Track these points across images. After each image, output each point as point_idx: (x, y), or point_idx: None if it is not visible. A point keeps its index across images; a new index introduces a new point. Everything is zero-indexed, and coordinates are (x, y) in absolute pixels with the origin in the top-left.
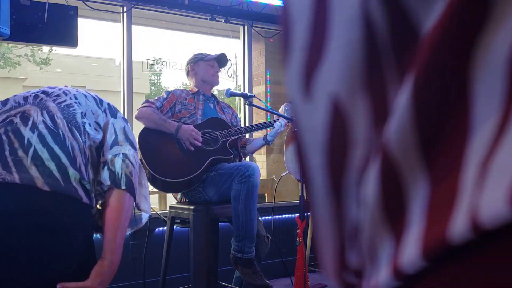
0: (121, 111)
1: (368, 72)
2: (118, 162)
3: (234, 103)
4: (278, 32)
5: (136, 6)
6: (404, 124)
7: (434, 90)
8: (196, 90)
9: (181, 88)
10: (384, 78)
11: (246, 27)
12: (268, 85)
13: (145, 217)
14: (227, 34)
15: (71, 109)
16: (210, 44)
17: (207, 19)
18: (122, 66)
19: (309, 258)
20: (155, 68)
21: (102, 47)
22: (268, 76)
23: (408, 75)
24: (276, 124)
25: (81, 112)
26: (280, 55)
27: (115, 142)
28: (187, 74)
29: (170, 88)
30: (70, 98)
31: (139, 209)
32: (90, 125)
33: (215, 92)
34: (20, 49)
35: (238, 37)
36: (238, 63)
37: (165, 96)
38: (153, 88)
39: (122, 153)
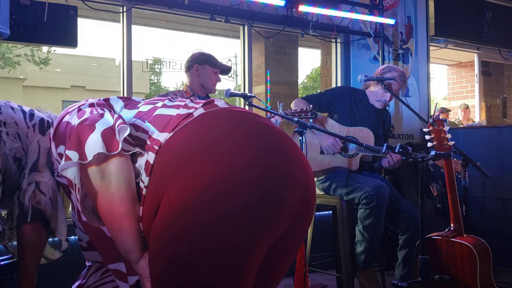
0: None
1: None
2: (28, 194)
3: (234, 104)
4: (278, 32)
5: (136, 6)
6: None
7: None
8: (191, 94)
9: (177, 90)
10: None
11: (246, 27)
12: (268, 85)
13: (64, 244)
14: (227, 34)
15: None
16: (210, 44)
17: (207, 19)
18: (122, 66)
19: (309, 258)
20: (155, 68)
21: (102, 47)
22: (268, 76)
23: None
24: (272, 121)
25: None
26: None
27: (35, 167)
28: (188, 70)
29: (170, 88)
30: None
31: (53, 235)
32: (7, 134)
33: (215, 92)
34: (20, 49)
35: (238, 37)
36: (238, 63)
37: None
38: (153, 88)
39: (35, 182)
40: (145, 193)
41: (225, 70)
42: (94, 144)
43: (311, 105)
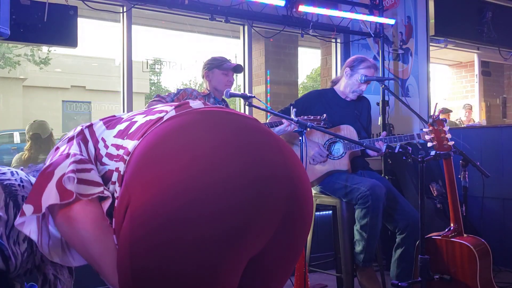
0: (121, 111)
1: None
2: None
3: (234, 104)
4: (278, 32)
5: (136, 6)
6: None
7: None
8: (208, 92)
9: (190, 87)
10: None
11: (246, 27)
12: (268, 85)
13: None
14: (227, 34)
15: (13, 188)
16: (210, 44)
17: (207, 19)
18: (122, 66)
19: (309, 258)
20: (155, 68)
21: (102, 47)
22: (268, 76)
23: None
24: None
25: (22, 196)
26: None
27: None
28: (202, 77)
29: (170, 88)
30: (15, 180)
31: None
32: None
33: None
34: (20, 49)
35: (238, 37)
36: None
37: (175, 92)
38: (153, 88)
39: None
40: (116, 204)
41: (234, 69)
42: (49, 195)
43: (324, 114)
